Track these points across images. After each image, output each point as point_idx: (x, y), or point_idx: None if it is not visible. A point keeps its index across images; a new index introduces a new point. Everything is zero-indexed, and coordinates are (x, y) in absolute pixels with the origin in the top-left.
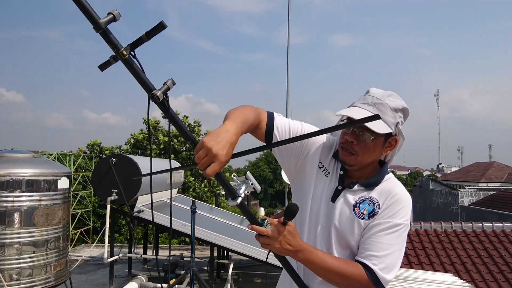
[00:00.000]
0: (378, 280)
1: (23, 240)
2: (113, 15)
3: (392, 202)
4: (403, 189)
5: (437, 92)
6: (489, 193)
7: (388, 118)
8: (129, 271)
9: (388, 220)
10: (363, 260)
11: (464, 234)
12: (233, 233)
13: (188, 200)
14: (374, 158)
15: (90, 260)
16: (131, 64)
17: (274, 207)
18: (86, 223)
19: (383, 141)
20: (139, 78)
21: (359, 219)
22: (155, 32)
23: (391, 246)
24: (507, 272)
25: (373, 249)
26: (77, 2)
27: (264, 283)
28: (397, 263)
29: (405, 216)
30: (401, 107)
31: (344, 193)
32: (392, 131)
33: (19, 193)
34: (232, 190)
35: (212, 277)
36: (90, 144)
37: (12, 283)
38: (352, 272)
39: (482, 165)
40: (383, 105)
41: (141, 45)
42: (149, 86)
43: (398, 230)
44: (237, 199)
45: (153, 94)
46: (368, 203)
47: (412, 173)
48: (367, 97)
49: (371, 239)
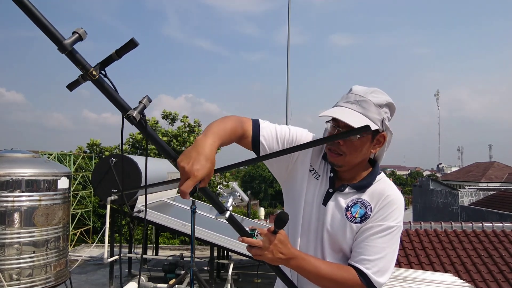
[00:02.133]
0: (371, 284)
1: (23, 240)
2: (78, 34)
3: (384, 204)
4: (395, 190)
5: (437, 92)
6: (489, 193)
7: (372, 114)
8: (129, 271)
9: (381, 223)
10: (356, 264)
11: (464, 234)
12: (233, 233)
13: (188, 200)
14: (363, 157)
15: (90, 260)
16: (102, 84)
17: (274, 207)
18: (86, 223)
19: (371, 139)
20: (112, 98)
21: (351, 223)
22: (126, 50)
23: (383, 249)
24: (507, 272)
25: (366, 253)
26: (39, 23)
27: (264, 283)
28: (391, 265)
29: (397, 218)
30: (386, 102)
31: (335, 196)
32: (378, 128)
33: (19, 193)
34: (219, 203)
35: (212, 277)
36: (90, 143)
37: (12, 283)
38: (345, 277)
39: (482, 165)
40: (366, 102)
41: (139, 46)
42: (124, 106)
43: (390, 232)
44: (225, 213)
45: (129, 115)
46: (360, 206)
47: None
48: (350, 95)
49: (364, 243)
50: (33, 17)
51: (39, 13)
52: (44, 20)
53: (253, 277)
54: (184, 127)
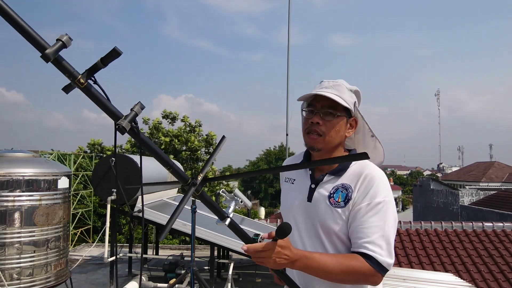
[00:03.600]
0: (381, 265)
1: (23, 239)
2: (62, 41)
3: (364, 183)
4: (373, 168)
5: (437, 91)
6: (489, 193)
7: (346, 96)
8: (129, 270)
9: (367, 203)
10: (359, 249)
11: (465, 233)
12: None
13: (189, 200)
14: (340, 139)
15: (90, 259)
16: (91, 92)
17: (274, 207)
18: (87, 223)
19: (346, 121)
20: (102, 105)
21: (336, 209)
22: (111, 59)
23: (380, 227)
24: (508, 272)
25: (365, 236)
26: (22, 31)
27: (264, 282)
28: (392, 241)
29: (382, 193)
30: (354, 89)
31: (317, 189)
32: (351, 109)
33: (19, 192)
34: (220, 210)
35: (213, 277)
36: (91, 143)
37: (13, 282)
38: (353, 265)
39: (483, 164)
40: (339, 85)
41: (139, 46)
42: (115, 113)
43: (381, 208)
44: (225, 220)
45: (118, 125)
46: (341, 190)
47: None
48: (323, 83)
49: (359, 227)
50: (14, 23)
51: (21, 20)
52: (27, 27)
53: (254, 277)
54: (185, 127)
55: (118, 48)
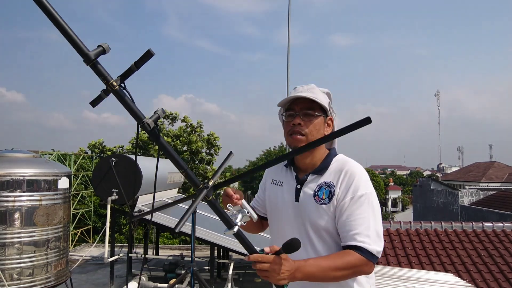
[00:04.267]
0: (370, 253)
1: (23, 239)
2: (102, 47)
3: (346, 179)
4: (352, 163)
5: (437, 91)
6: (489, 193)
7: (321, 97)
8: (129, 271)
9: (351, 197)
10: (349, 243)
11: (465, 234)
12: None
13: (189, 200)
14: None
15: (90, 259)
16: (121, 95)
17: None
18: (87, 223)
19: (324, 120)
20: (129, 108)
21: (321, 205)
22: (144, 61)
23: (365, 218)
24: (508, 272)
25: (352, 229)
26: (66, 35)
27: (264, 282)
28: (379, 231)
29: (363, 186)
30: (326, 91)
31: (303, 189)
32: (327, 110)
33: (20, 193)
34: (228, 218)
35: (213, 277)
36: (92, 144)
37: (13, 282)
38: (348, 260)
39: (483, 165)
40: (313, 88)
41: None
42: (139, 115)
43: (364, 201)
44: (233, 228)
45: (143, 122)
46: (324, 188)
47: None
48: (297, 88)
49: (346, 221)
50: (61, 29)
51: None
52: (71, 33)
53: (253, 277)
54: (185, 127)
55: (152, 50)
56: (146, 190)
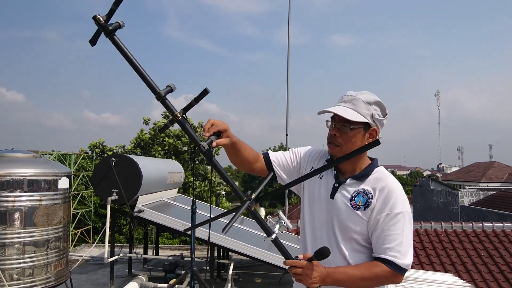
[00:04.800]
0: (399, 267)
1: (23, 240)
2: (170, 87)
3: (384, 194)
4: (392, 180)
5: (437, 92)
6: (489, 193)
7: (361, 110)
8: (129, 271)
9: (387, 213)
10: (380, 255)
11: (464, 234)
12: (233, 233)
13: (189, 200)
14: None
15: (90, 260)
16: (183, 124)
17: (274, 207)
18: (87, 223)
19: (363, 132)
20: (189, 134)
21: (356, 211)
22: (201, 97)
23: (399, 235)
24: (507, 272)
25: (385, 243)
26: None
27: (264, 283)
28: (410, 246)
29: (400, 204)
30: (374, 101)
31: (340, 189)
32: (369, 122)
33: (20, 193)
34: (267, 227)
35: (213, 277)
36: (93, 144)
37: (13, 283)
38: (375, 271)
39: (483, 165)
40: (356, 99)
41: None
42: (196, 139)
43: (400, 218)
44: (271, 235)
45: (199, 145)
46: (362, 195)
47: (412, 173)
48: (344, 96)
49: (382, 234)
50: (137, 71)
51: (142, 69)
52: (145, 75)
53: (254, 277)
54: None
55: (208, 89)
56: (146, 190)
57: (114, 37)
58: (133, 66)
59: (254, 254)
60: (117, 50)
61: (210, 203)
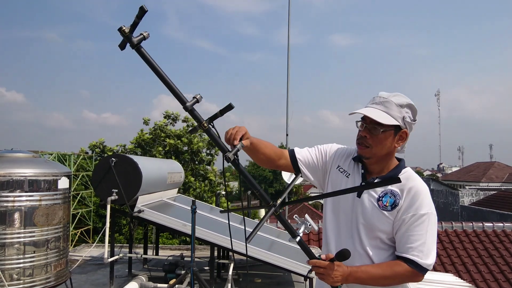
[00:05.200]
0: (421, 267)
1: (23, 240)
2: (196, 98)
3: (411, 195)
4: (419, 181)
5: (437, 92)
6: (489, 193)
7: (393, 112)
8: (129, 271)
9: (413, 213)
10: (402, 254)
11: (465, 234)
12: (233, 233)
13: (189, 200)
14: (387, 150)
15: (90, 260)
16: (210, 132)
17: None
18: (87, 223)
19: (393, 134)
20: (216, 142)
21: (383, 211)
22: (226, 111)
23: (422, 235)
24: (508, 272)
25: (409, 242)
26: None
27: (264, 283)
28: (433, 247)
29: (426, 205)
30: (406, 103)
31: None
32: (400, 124)
33: (19, 193)
34: (292, 229)
35: (213, 277)
36: (93, 144)
37: (13, 283)
38: (397, 270)
39: (483, 165)
40: (388, 102)
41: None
42: (224, 148)
43: (425, 219)
44: (296, 238)
45: (226, 156)
46: (389, 196)
47: None
48: (376, 98)
49: (406, 234)
50: (165, 83)
51: (170, 81)
52: (173, 86)
53: (254, 277)
54: (187, 128)
55: (232, 104)
56: (146, 190)
57: (141, 50)
58: (160, 78)
59: (254, 254)
60: (144, 62)
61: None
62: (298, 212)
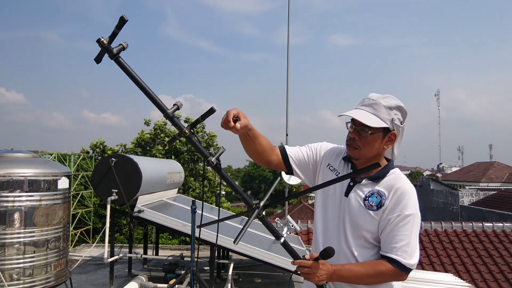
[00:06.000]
0: (404, 267)
1: (23, 240)
2: (177, 106)
3: (397, 195)
4: (406, 182)
5: (437, 92)
6: (489, 193)
7: (382, 115)
8: (129, 271)
9: (398, 214)
10: (387, 254)
11: (465, 234)
12: (233, 233)
13: (188, 200)
14: (376, 151)
15: (90, 260)
16: (191, 139)
17: (274, 207)
18: (87, 223)
19: (382, 136)
20: (198, 148)
21: (368, 211)
22: (208, 115)
23: (407, 236)
24: (508, 272)
25: (393, 242)
26: (149, 97)
27: (264, 283)
28: (416, 248)
29: (412, 206)
30: (395, 105)
31: (355, 188)
32: (388, 126)
33: (19, 193)
34: (276, 231)
35: (212, 277)
36: (93, 144)
37: (13, 283)
38: (380, 270)
39: (483, 165)
40: (377, 104)
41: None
42: (205, 154)
43: (410, 220)
44: (280, 239)
45: (208, 160)
46: (376, 196)
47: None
48: (365, 100)
49: (391, 234)
50: (144, 91)
51: (149, 89)
52: (152, 94)
53: (254, 277)
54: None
55: (214, 108)
56: (146, 190)
57: (120, 60)
58: (139, 86)
59: (254, 254)
60: (123, 71)
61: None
62: (298, 212)
